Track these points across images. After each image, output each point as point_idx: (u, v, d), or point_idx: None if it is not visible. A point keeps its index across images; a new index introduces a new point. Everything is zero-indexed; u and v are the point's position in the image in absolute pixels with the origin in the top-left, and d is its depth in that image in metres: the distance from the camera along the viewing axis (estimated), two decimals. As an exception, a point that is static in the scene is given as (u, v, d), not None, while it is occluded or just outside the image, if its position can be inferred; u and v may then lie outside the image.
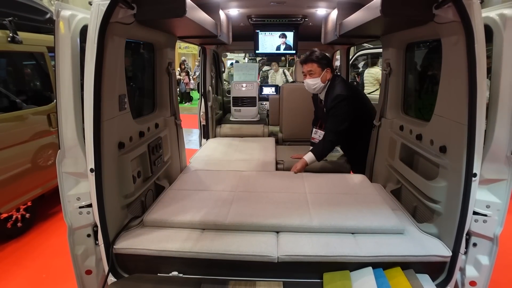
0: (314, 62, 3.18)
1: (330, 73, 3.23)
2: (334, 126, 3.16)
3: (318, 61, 3.17)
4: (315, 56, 3.19)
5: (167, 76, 2.97)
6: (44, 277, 3.17)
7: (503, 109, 1.78)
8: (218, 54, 5.54)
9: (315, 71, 3.18)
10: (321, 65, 3.18)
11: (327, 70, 3.19)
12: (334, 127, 3.16)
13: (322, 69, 3.18)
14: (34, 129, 3.80)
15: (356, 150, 3.56)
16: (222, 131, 4.94)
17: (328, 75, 3.22)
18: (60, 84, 1.87)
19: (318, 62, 3.17)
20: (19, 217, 3.87)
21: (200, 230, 2.17)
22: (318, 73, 3.19)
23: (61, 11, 1.83)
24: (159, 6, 1.90)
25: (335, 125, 3.15)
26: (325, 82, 3.23)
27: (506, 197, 1.87)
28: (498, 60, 1.77)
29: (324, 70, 3.19)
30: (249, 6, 3.44)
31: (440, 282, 1.98)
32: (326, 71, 3.19)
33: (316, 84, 3.22)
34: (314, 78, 3.20)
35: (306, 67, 3.24)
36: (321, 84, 3.22)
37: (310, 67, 3.19)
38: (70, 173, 1.96)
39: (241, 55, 16.86)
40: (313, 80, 3.21)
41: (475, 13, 1.68)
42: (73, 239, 2.00)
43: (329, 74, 3.22)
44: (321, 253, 1.94)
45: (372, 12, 2.07)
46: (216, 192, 2.63)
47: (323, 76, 3.19)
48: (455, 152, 1.94)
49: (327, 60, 3.23)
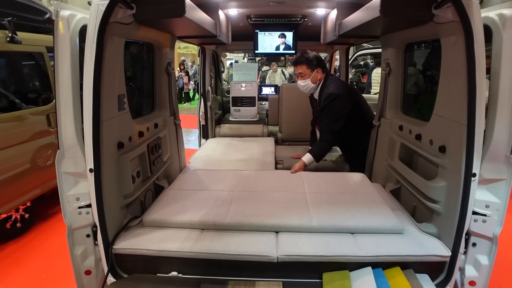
0: (303, 64, 3.20)
1: (321, 73, 3.23)
2: (329, 125, 3.16)
3: (307, 63, 3.18)
4: (304, 57, 3.20)
5: (167, 76, 2.96)
6: (44, 278, 3.17)
7: (503, 109, 1.78)
8: (218, 54, 5.54)
9: (305, 73, 3.20)
10: (310, 66, 3.19)
11: (317, 71, 3.20)
12: (329, 127, 3.16)
13: (311, 70, 3.19)
14: (33, 129, 3.79)
15: (353, 151, 3.56)
16: (221, 131, 4.94)
17: (319, 75, 3.22)
18: (60, 84, 1.87)
19: (307, 64, 3.18)
20: (19, 217, 3.86)
21: (199, 230, 2.17)
22: (308, 74, 3.20)
23: (60, 11, 1.83)
24: (159, 6, 1.90)
25: (329, 124, 3.16)
26: (316, 83, 3.25)
27: (505, 197, 1.87)
28: (498, 60, 1.77)
29: (314, 71, 3.19)
30: (249, 6, 3.44)
31: (440, 282, 1.98)
32: (316, 72, 3.20)
33: (307, 85, 3.24)
34: (304, 80, 3.22)
35: (296, 70, 3.28)
36: (311, 85, 3.24)
37: (300, 69, 3.22)
38: (69, 173, 1.96)
39: (241, 55, 16.86)
40: (304, 81, 3.23)
41: (474, 13, 1.67)
42: (72, 239, 2.00)
43: (320, 75, 3.22)
44: (320, 253, 1.94)
45: (371, 12, 2.07)
46: (216, 192, 2.63)
47: (313, 77, 3.21)
48: (454, 152, 1.93)
49: (317, 60, 3.22)
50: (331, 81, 3.24)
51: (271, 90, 5.88)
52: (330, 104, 3.11)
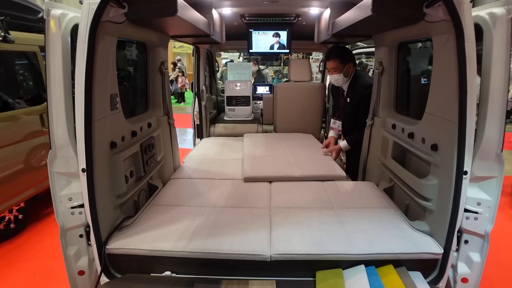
0: (336, 59, 3.35)
1: (352, 67, 3.41)
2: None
3: (339, 58, 3.34)
4: (336, 53, 3.36)
5: (160, 75, 2.96)
6: (38, 279, 3.15)
7: (493, 107, 1.80)
8: (212, 54, 5.53)
9: (337, 68, 3.35)
10: (342, 61, 3.34)
11: (349, 65, 3.36)
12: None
13: (344, 65, 3.34)
14: (26, 129, 3.77)
15: (354, 148, 3.57)
16: (216, 131, 4.94)
17: (351, 69, 3.40)
18: (51, 83, 1.86)
19: (340, 58, 3.34)
20: (12, 218, 3.84)
21: (192, 229, 2.17)
22: (341, 69, 3.36)
23: (52, 10, 1.82)
24: (151, 5, 1.90)
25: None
26: (348, 76, 3.41)
27: (496, 194, 1.88)
28: (488, 58, 1.78)
29: (346, 66, 3.34)
30: (242, 5, 3.44)
31: (432, 279, 1.99)
32: (348, 66, 3.35)
33: (340, 79, 3.40)
34: (337, 74, 3.37)
35: (329, 64, 3.42)
36: (344, 79, 3.40)
37: (332, 64, 3.37)
38: (61, 173, 1.95)
39: (236, 54, 16.83)
40: (337, 76, 3.38)
41: (465, 12, 1.68)
42: (65, 239, 1.99)
43: (351, 69, 3.40)
44: (313, 252, 1.94)
45: (363, 11, 2.07)
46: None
47: (346, 71, 3.36)
48: (446, 150, 1.95)
49: (349, 55, 3.40)
50: (362, 74, 3.43)
51: (266, 90, 5.88)
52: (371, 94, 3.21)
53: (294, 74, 4.70)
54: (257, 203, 2.53)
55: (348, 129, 3.66)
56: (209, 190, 2.77)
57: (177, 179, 3.04)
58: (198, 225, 2.21)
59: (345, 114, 3.62)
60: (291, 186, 2.82)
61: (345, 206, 2.49)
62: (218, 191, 2.75)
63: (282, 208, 2.44)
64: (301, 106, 4.63)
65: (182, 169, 3.32)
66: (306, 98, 4.62)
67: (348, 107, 3.51)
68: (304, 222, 2.23)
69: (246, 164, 3.22)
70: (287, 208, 2.45)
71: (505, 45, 1.74)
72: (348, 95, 3.48)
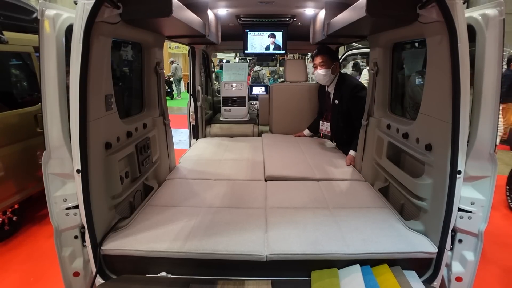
0: (326, 54, 3.44)
1: (338, 68, 3.49)
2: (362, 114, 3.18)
3: (329, 53, 3.44)
4: (326, 49, 3.47)
5: (155, 76, 2.95)
6: (32, 281, 3.13)
7: (486, 107, 1.82)
8: (208, 54, 5.53)
9: (326, 62, 3.42)
10: (331, 58, 3.43)
11: (336, 64, 3.45)
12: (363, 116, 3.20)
13: (332, 62, 3.43)
14: (20, 130, 3.74)
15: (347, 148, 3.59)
16: (212, 131, 4.93)
17: (337, 68, 3.48)
18: (46, 84, 1.85)
19: (329, 55, 3.44)
20: (6, 220, 3.81)
21: (188, 230, 2.17)
22: (329, 64, 3.42)
23: (46, 10, 1.81)
24: (145, 6, 1.89)
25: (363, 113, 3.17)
26: (335, 74, 3.48)
27: (490, 193, 1.90)
28: (481, 59, 1.80)
29: (333, 63, 3.43)
30: (238, 6, 3.44)
31: (427, 278, 2.00)
32: (335, 64, 3.44)
33: (327, 75, 3.45)
34: (325, 69, 3.43)
35: (318, 59, 3.49)
36: (331, 75, 3.46)
37: (322, 59, 3.44)
38: (56, 174, 1.94)
39: (232, 55, 16.85)
40: (325, 71, 3.44)
41: (458, 13, 1.70)
42: (60, 241, 1.98)
43: (337, 68, 3.48)
44: (309, 251, 1.95)
45: (358, 12, 2.09)
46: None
47: (333, 68, 3.43)
48: (440, 150, 1.96)
49: (336, 56, 3.53)
50: (347, 76, 3.53)
51: (262, 90, 5.89)
52: (360, 93, 3.25)
53: (289, 74, 4.71)
54: (252, 203, 2.54)
55: (337, 130, 3.68)
56: (205, 190, 2.78)
57: (172, 180, 3.04)
58: (193, 225, 2.21)
59: (333, 115, 3.64)
60: (286, 186, 2.83)
61: (340, 206, 2.50)
62: (213, 191, 2.75)
63: (277, 208, 2.45)
64: (296, 106, 4.64)
65: (177, 169, 3.32)
66: (302, 98, 4.63)
67: (337, 109, 3.53)
68: (300, 222, 2.23)
69: (268, 163, 3.34)
70: (282, 208, 2.46)
71: (498, 46, 1.77)
72: (335, 96, 3.51)
